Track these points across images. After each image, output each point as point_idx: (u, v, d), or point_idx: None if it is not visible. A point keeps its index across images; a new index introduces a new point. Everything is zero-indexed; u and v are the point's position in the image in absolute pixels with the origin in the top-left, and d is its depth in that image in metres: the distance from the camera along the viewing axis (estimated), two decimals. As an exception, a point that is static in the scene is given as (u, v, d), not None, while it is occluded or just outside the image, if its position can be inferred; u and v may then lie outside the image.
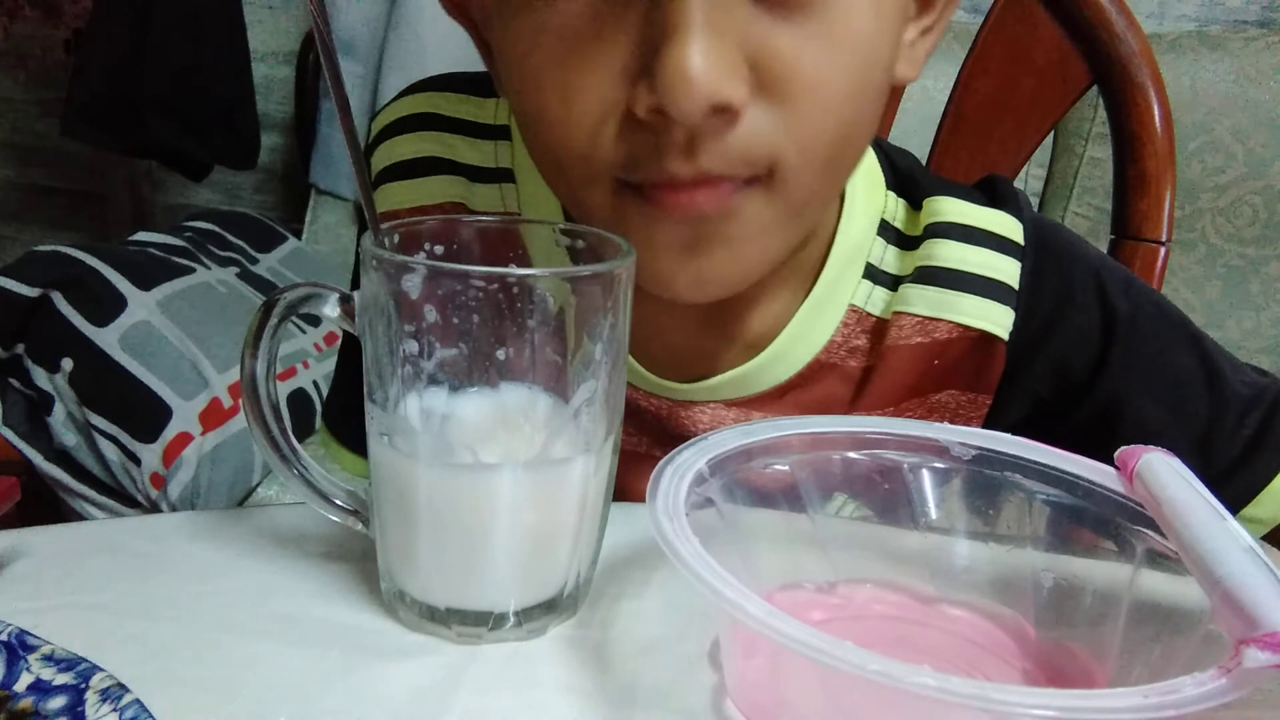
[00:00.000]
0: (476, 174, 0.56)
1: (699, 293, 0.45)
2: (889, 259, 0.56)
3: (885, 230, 0.56)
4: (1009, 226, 0.55)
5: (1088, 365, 0.54)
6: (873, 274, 0.55)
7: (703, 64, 0.37)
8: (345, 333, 0.66)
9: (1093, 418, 0.55)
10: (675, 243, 0.43)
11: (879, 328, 0.55)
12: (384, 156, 0.57)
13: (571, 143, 0.41)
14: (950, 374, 0.55)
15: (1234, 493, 0.53)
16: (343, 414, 0.65)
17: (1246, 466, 0.54)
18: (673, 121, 0.38)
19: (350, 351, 0.66)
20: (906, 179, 0.57)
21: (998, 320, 0.54)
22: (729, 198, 0.41)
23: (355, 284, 0.40)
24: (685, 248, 0.43)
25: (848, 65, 0.40)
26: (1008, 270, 0.54)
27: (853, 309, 0.55)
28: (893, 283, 0.55)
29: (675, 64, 0.37)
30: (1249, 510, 0.54)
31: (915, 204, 0.56)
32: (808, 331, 0.55)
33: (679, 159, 0.40)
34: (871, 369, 0.55)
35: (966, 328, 0.54)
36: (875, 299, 0.55)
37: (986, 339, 0.54)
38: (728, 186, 0.41)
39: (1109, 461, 0.41)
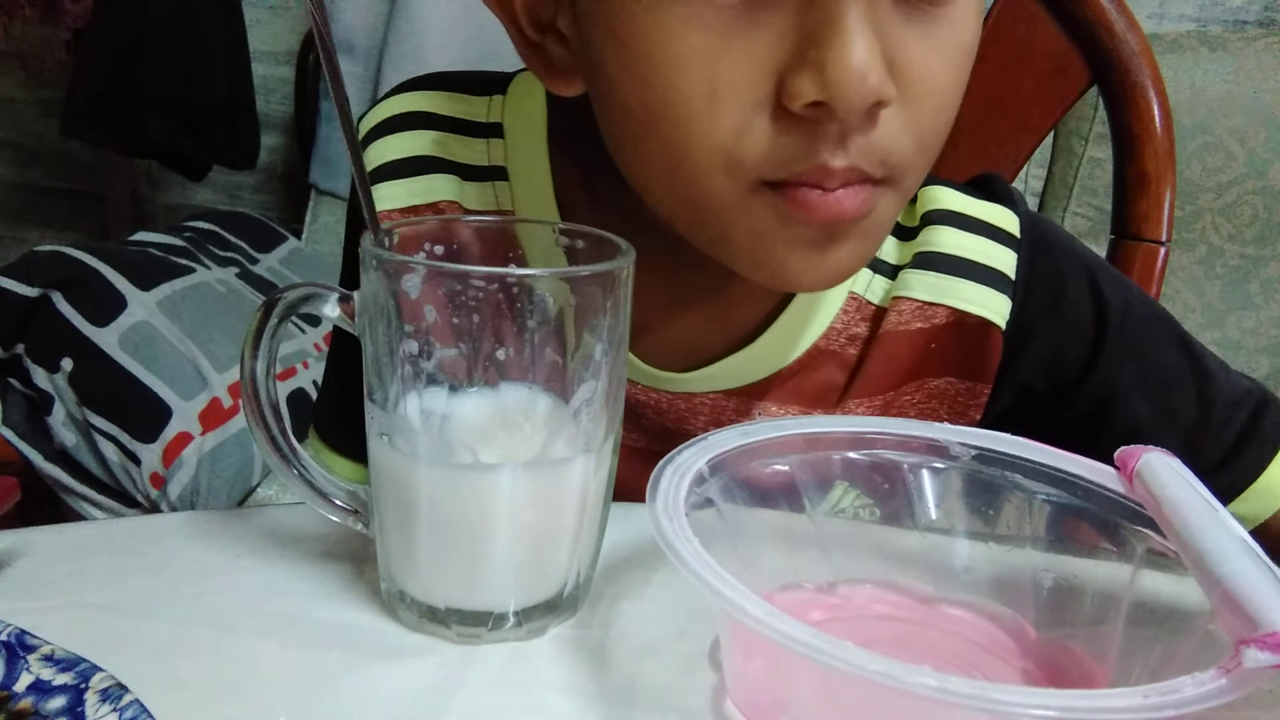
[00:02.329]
0: (469, 172, 0.56)
1: (824, 284, 0.48)
2: (888, 248, 0.57)
3: None
4: (1005, 219, 0.56)
5: (1080, 358, 0.55)
6: (873, 263, 0.56)
7: (869, 59, 0.38)
8: (334, 338, 0.66)
9: (1084, 412, 0.56)
10: (809, 242, 0.44)
11: (879, 315, 0.56)
12: (375, 156, 0.56)
13: (714, 137, 0.41)
14: (947, 359, 0.56)
15: (1220, 489, 0.53)
16: (333, 420, 0.64)
17: (1233, 463, 0.55)
18: (829, 115, 0.39)
19: (339, 356, 0.65)
20: None
21: (995, 308, 0.55)
22: (868, 201, 0.43)
23: (345, 282, 0.40)
24: (818, 246, 0.44)
25: (960, 68, 0.43)
26: (1004, 260, 0.55)
27: (853, 296, 0.56)
28: (892, 272, 0.56)
29: (846, 59, 0.38)
30: (1234, 506, 0.54)
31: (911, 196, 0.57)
32: (807, 319, 0.55)
33: (832, 151, 0.41)
34: (868, 355, 0.56)
35: (964, 313, 0.55)
36: (875, 287, 0.56)
37: (983, 326, 0.55)
38: (867, 189, 0.43)
39: (1107, 460, 0.41)
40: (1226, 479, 0.54)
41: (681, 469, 0.38)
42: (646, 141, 0.44)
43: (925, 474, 0.43)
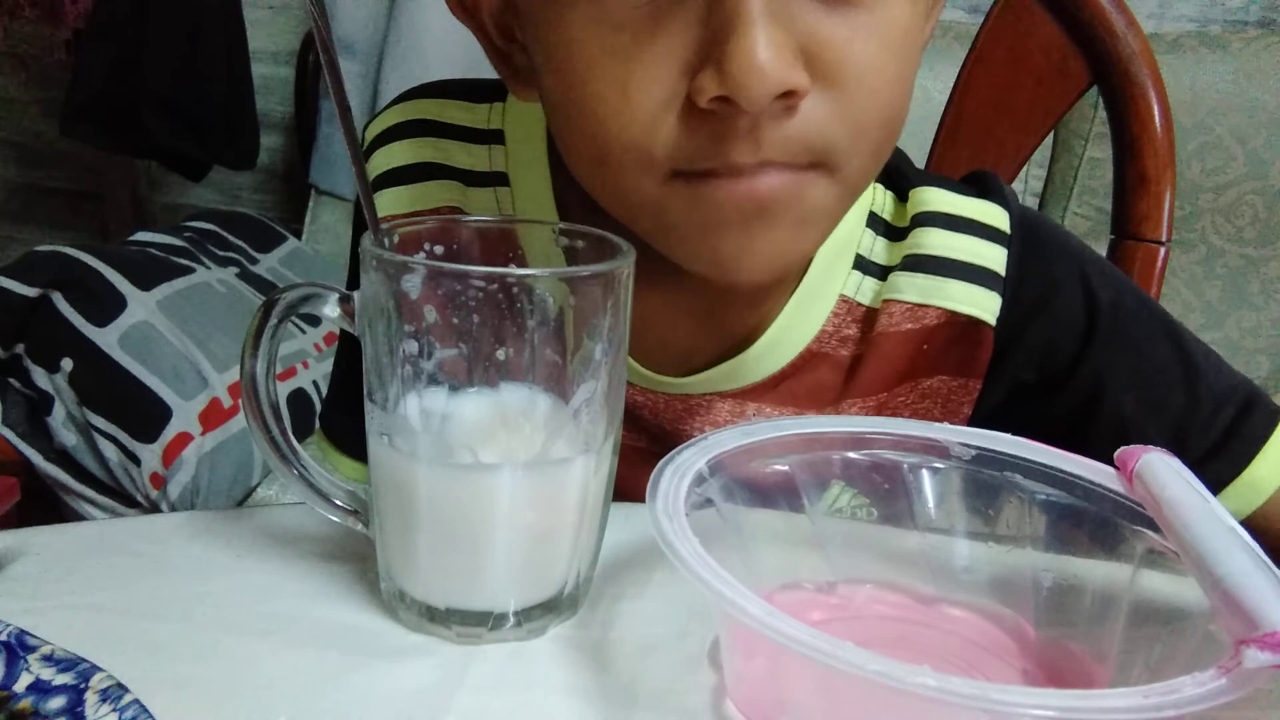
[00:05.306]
0: (471, 178, 0.57)
1: (762, 273, 0.46)
2: (878, 250, 0.57)
3: (874, 222, 0.57)
4: (995, 216, 0.56)
5: (1070, 352, 0.55)
6: (862, 265, 0.56)
7: (769, 53, 0.38)
8: (342, 338, 0.66)
9: (1074, 405, 0.56)
10: (737, 225, 0.44)
11: (869, 317, 0.56)
12: (379, 163, 0.57)
13: (628, 134, 0.42)
14: (940, 359, 0.56)
15: (1204, 483, 0.54)
16: (339, 420, 0.65)
17: (1219, 457, 0.55)
18: (737, 110, 0.39)
19: (346, 356, 0.66)
20: (893, 172, 0.58)
21: (985, 306, 0.55)
22: (788, 183, 0.43)
23: (352, 284, 0.40)
24: (745, 230, 0.44)
25: (891, 51, 0.42)
26: (994, 257, 0.55)
27: (843, 299, 0.56)
28: (882, 273, 0.56)
29: (743, 53, 0.38)
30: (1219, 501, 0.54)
31: (902, 196, 0.57)
32: (799, 322, 0.55)
33: (742, 147, 0.41)
34: (862, 356, 0.56)
35: (954, 313, 0.55)
36: (865, 289, 0.56)
37: (974, 324, 0.55)
38: (786, 174, 0.42)
39: (1099, 455, 0.41)
40: (1211, 473, 0.54)
41: (681, 469, 0.38)
42: (574, 140, 0.45)
43: (925, 474, 0.43)
